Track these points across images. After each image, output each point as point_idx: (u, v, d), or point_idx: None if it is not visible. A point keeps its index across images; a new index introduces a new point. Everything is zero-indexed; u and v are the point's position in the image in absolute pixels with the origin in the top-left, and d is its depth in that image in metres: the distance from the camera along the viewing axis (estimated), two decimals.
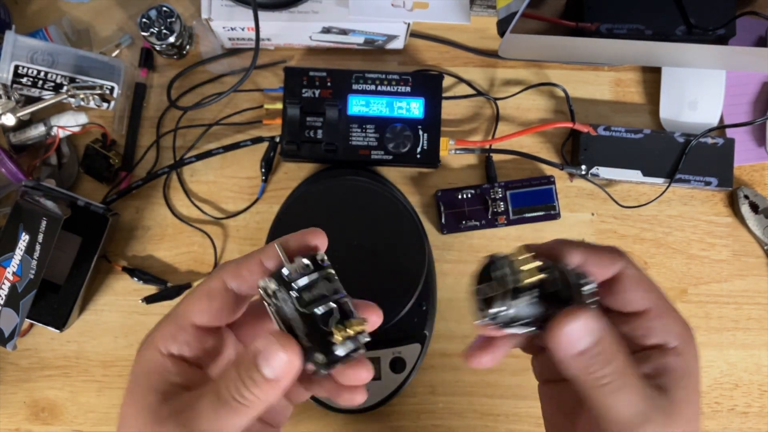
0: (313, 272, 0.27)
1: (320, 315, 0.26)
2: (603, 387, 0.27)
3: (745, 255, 0.59)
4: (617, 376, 0.27)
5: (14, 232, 0.49)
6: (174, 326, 0.29)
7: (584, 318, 0.27)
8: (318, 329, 0.26)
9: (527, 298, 0.27)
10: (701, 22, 0.51)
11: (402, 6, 0.54)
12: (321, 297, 0.27)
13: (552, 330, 0.27)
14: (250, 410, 0.26)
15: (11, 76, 0.54)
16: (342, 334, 0.26)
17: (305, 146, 0.55)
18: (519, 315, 0.27)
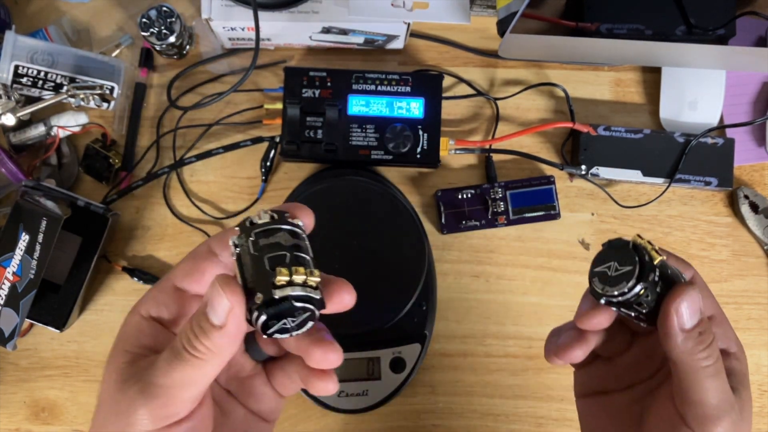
0: (276, 223, 0.27)
1: (270, 257, 0.25)
2: (704, 369, 0.29)
3: (745, 255, 0.59)
4: (715, 361, 0.29)
5: (14, 232, 0.49)
6: (156, 290, 0.30)
7: (697, 292, 0.29)
8: (264, 271, 0.25)
9: (655, 276, 0.28)
10: (701, 22, 0.51)
11: (402, 6, 0.54)
12: (276, 245, 0.26)
13: (670, 302, 0.29)
14: (204, 363, 0.26)
15: (11, 76, 0.54)
16: (284, 277, 0.24)
17: (305, 146, 0.55)
18: (645, 293, 0.28)
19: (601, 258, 0.30)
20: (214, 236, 0.30)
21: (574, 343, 0.33)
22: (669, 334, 0.29)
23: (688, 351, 0.29)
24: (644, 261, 0.29)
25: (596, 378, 0.35)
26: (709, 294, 0.33)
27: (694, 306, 0.29)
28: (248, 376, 0.32)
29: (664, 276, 0.29)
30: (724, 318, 0.33)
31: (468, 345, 0.57)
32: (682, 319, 0.29)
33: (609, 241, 0.31)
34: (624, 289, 0.28)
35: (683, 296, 0.29)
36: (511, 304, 0.58)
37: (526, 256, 0.58)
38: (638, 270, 0.28)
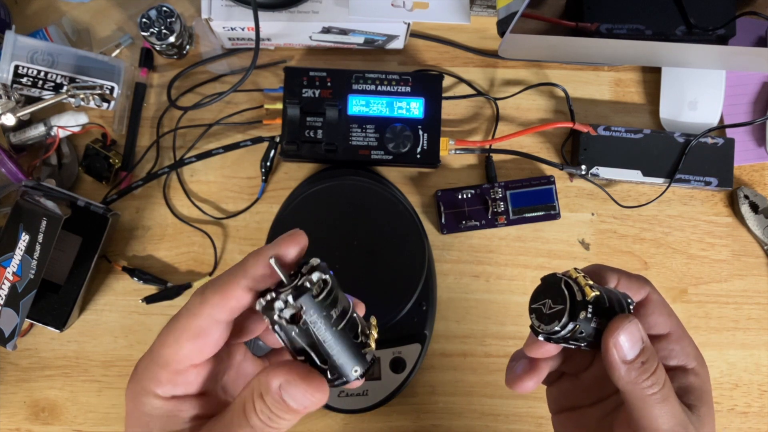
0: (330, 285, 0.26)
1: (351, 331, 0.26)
2: (650, 397, 0.29)
3: (744, 255, 0.59)
4: (661, 387, 0.30)
5: (14, 232, 0.49)
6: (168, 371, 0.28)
7: (634, 323, 0.29)
8: (354, 344, 0.26)
9: (587, 313, 0.29)
10: (701, 22, 0.51)
11: (402, 6, 0.54)
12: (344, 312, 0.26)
13: (608, 337, 0.29)
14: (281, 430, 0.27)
15: (11, 76, 0.54)
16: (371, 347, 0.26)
17: (305, 146, 0.55)
18: (579, 329, 0.29)
19: (538, 294, 0.30)
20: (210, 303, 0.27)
21: (525, 375, 0.33)
22: (612, 366, 0.29)
23: (633, 381, 0.29)
24: (575, 299, 0.29)
25: (566, 394, 0.36)
26: (665, 310, 0.33)
27: (634, 337, 0.29)
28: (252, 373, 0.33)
29: (601, 309, 0.29)
30: (683, 333, 0.33)
31: (468, 345, 0.57)
32: (622, 351, 0.29)
33: (544, 276, 0.31)
34: (556, 328, 0.29)
35: (621, 330, 0.29)
36: (511, 304, 0.58)
37: (526, 256, 0.58)
38: (569, 309, 0.29)
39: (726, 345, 0.58)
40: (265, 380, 0.26)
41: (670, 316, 0.33)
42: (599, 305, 0.29)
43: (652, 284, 0.34)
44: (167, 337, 0.28)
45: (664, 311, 0.33)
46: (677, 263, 0.59)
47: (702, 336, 0.58)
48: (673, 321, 0.33)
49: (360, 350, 0.26)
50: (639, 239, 0.59)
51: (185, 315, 0.28)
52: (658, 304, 0.33)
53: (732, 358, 0.58)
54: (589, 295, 0.29)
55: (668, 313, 0.33)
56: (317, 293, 0.25)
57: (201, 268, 0.57)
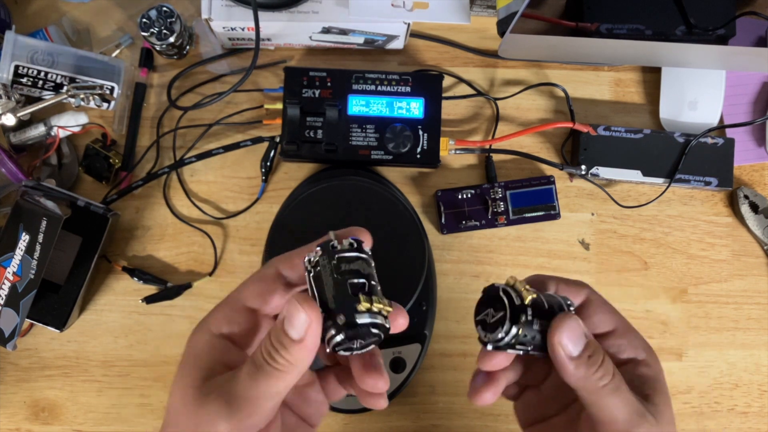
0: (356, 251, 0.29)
1: (352, 283, 0.28)
2: (602, 389, 0.30)
3: (744, 255, 0.59)
4: (612, 378, 0.30)
5: (14, 232, 0.49)
6: (228, 308, 0.31)
7: (575, 320, 0.30)
8: (347, 295, 0.28)
9: (527, 316, 0.30)
10: (701, 22, 0.51)
11: (402, 6, 0.54)
12: (357, 272, 0.28)
13: (552, 336, 0.30)
14: (285, 374, 0.28)
15: (11, 76, 0.54)
16: (366, 305, 0.27)
17: (305, 146, 0.55)
18: (522, 332, 0.30)
19: (480, 306, 0.32)
20: (280, 258, 0.32)
21: (483, 388, 0.34)
22: (560, 364, 0.30)
23: (583, 376, 0.30)
24: (514, 304, 0.30)
25: (532, 407, 0.36)
26: (607, 308, 0.34)
27: (576, 333, 0.30)
28: (305, 384, 0.34)
29: (541, 311, 0.30)
30: (628, 327, 0.34)
31: (468, 345, 0.57)
32: (567, 349, 0.30)
33: (484, 288, 0.32)
34: (501, 334, 0.30)
35: (562, 327, 0.30)
36: None
37: (526, 256, 0.58)
38: (509, 314, 0.30)
39: (726, 345, 0.58)
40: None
41: (613, 314, 0.34)
42: (538, 308, 0.30)
43: (590, 287, 0.35)
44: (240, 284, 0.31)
45: (606, 309, 0.34)
46: (677, 263, 0.59)
47: (702, 336, 0.58)
48: (616, 317, 0.34)
49: (354, 305, 0.27)
50: (639, 239, 0.59)
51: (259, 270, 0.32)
52: (598, 304, 0.34)
53: (732, 358, 0.58)
54: (526, 298, 0.30)
55: (610, 311, 0.34)
56: (335, 246, 0.28)
57: (201, 268, 0.57)
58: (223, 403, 0.28)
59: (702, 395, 0.58)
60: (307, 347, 0.28)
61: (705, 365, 0.58)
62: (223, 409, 0.28)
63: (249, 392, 0.28)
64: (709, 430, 0.57)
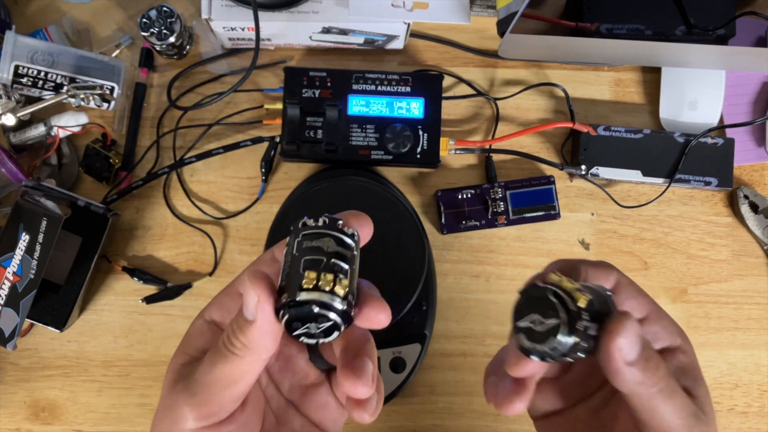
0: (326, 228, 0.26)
1: (306, 260, 0.25)
2: (658, 395, 0.28)
3: (744, 255, 0.59)
4: (667, 382, 0.28)
5: (14, 232, 0.49)
6: (222, 295, 0.30)
7: (633, 322, 0.27)
8: (297, 272, 0.25)
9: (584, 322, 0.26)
10: (701, 22, 0.51)
11: (402, 6, 0.54)
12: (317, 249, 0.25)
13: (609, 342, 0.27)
14: (240, 359, 0.26)
15: (11, 76, 0.54)
16: (311, 282, 0.24)
17: (305, 146, 0.55)
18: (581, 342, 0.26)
19: (521, 310, 0.27)
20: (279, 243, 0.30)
21: (514, 396, 0.30)
22: (614, 371, 0.27)
23: (639, 381, 0.27)
24: (570, 310, 0.26)
25: (547, 399, 0.34)
26: (638, 291, 0.31)
27: (634, 336, 0.27)
28: (312, 384, 0.32)
29: (594, 314, 0.27)
30: (661, 312, 0.31)
31: (468, 345, 0.57)
32: (624, 354, 0.27)
33: (525, 289, 0.28)
34: (554, 345, 0.26)
35: (621, 332, 0.26)
36: (510, 304, 0.57)
37: (526, 256, 0.58)
38: (566, 322, 0.26)
39: (726, 345, 0.58)
40: None
41: (644, 297, 0.31)
42: (592, 309, 0.26)
43: (617, 268, 0.31)
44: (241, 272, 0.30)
45: (637, 293, 0.31)
46: (677, 263, 0.59)
47: (702, 336, 0.58)
48: (647, 301, 0.31)
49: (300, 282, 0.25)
50: (639, 239, 0.59)
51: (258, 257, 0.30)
52: (629, 288, 0.31)
53: (732, 358, 0.58)
54: (580, 301, 0.26)
55: (641, 294, 0.31)
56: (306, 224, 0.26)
57: (201, 268, 0.57)
58: (183, 387, 0.27)
59: None
60: (260, 328, 0.25)
61: (705, 365, 0.58)
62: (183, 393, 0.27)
63: (205, 377, 0.26)
64: None
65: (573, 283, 0.27)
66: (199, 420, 0.27)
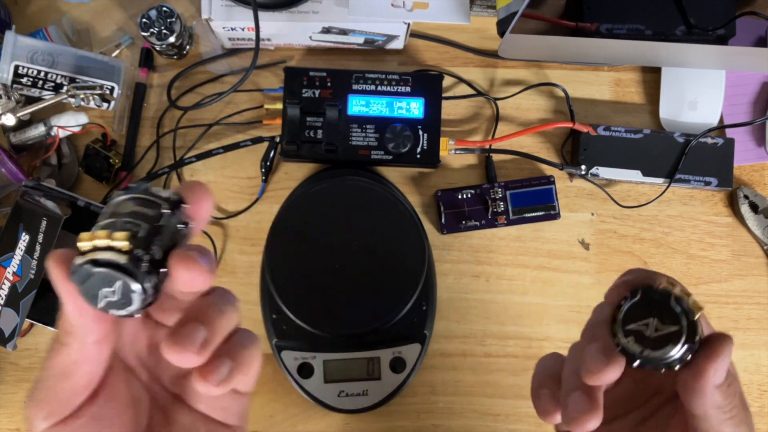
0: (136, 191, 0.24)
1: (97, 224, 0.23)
2: (729, 421, 0.27)
3: (744, 255, 0.59)
4: (739, 411, 0.27)
5: (14, 232, 0.49)
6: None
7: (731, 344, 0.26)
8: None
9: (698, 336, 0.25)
10: (701, 22, 0.51)
11: (402, 6, 0.54)
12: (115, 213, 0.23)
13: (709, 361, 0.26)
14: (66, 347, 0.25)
15: (11, 76, 0.54)
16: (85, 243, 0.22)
17: (305, 146, 0.55)
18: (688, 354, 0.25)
19: (636, 312, 0.26)
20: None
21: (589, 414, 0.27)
22: (702, 392, 0.26)
23: (718, 405, 0.27)
24: (692, 321, 0.25)
25: None
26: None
27: (726, 360, 0.26)
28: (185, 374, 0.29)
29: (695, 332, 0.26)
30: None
31: (468, 345, 0.57)
32: (717, 376, 0.26)
33: (644, 290, 0.26)
34: (669, 353, 0.25)
35: (723, 353, 0.26)
36: (511, 304, 0.58)
37: (525, 256, 0.58)
38: (686, 331, 0.25)
39: None
40: None
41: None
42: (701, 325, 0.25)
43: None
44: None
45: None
46: (677, 263, 0.59)
47: None
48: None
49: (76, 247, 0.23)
50: (639, 239, 0.59)
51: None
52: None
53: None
54: (696, 313, 0.25)
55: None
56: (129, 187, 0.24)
57: None
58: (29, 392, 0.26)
59: None
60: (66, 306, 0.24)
61: None
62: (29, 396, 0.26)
63: (41, 374, 0.25)
64: None
65: (690, 296, 0.26)
66: (46, 419, 0.26)
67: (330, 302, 0.52)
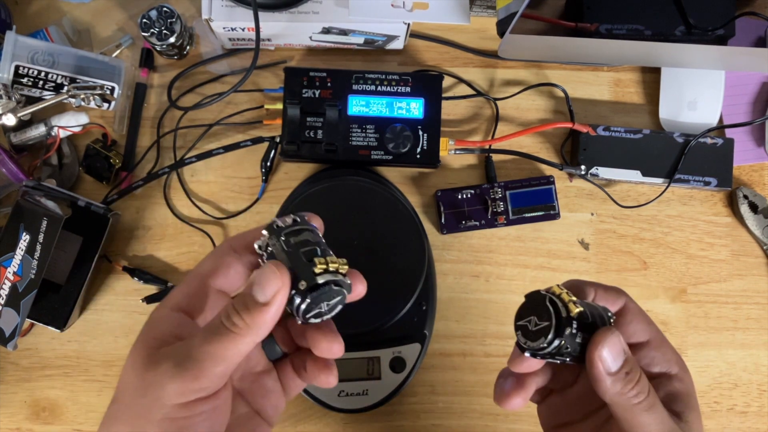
0: (300, 225, 0.30)
1: (304, 252, 0.29)
2: (637, 406, 0.30)
3: (744, 255, 0.59)
4: (647, 395, 0.30)
5: (15, 232, 0.49)
6: (184, 285, 0.31)
7: (617, 335, 0.30)
8: (302, 262, 0.29)
9: (572, 329, 0.30)
10: (700, 22, 0.51)
11: (402, 6, 0.54)
12: (306, 242, 0.29)
13: (592, 350, 0.30)
14: (240, 338, 0.27)
15: (12, 76, 0.55)
16: (322, 266, 0.28)
17: (305, 146, 0.55)
18: (565, 344, 0.30)
19: (523, 311, 0.31)
20: (234, 237, 0.32)
21: (513, 392, 0.34)
22: (597, 379, 0.30)
23: (618, 392, 0.30)
24: (560, 316, 0.29)
25: (556, 411, 0.36)
26: (643, 318, 0.34)
27: (616, 349, 0.30)
28: (261, 372, 0.34)
29: (584, 324, 0.30)
30: (662, 340, 0.34)
31: (468, 345, 0.57)
32: (606, 364, 0.30)
33: (528, 293, 0.31)
34: (543, 344, 0.29)
35: (603, 342, 0.30)
36: (510, 303, 0.58)
37: (525, 256, 0.58)
38: (554, 326, 0.29)
39: (725, 345, 0.58)
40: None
41: (649, 324, 0.34)
42: (582, 321, 0.30)
43: (628, 294, 0.35)
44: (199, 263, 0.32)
45: (643, 319, 0.34)
46: (676, 263, 0.59)
47: (701, 336, 0.58)
48: (652, 329, 0.34)
49: (311, 269, 0.28)
50: (638, 239, 0.59)
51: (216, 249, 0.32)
52: (636, 313, 0.34)
53: (731, 357, 0.58)
54: (573, 311, 0.30)
55: (647, 321, 0.34)
56: (279, 225, 0.30)
57: None
58: (171, 365, 0.27)
59: (701, 395, 0.58)
60: (270, 312, 0.27)
61: (704, 365, 0.58)
62: (171, 369, 0.27)
63: (199, 353, 0.27)
64: (709, 430, 0.57)
65: (570, 296, 0.30)
66: (186, 395, 0.27)
67: None
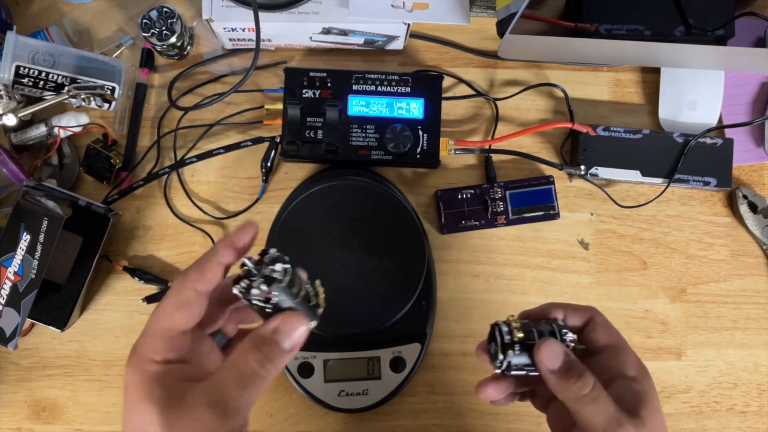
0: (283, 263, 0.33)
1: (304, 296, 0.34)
2: (582, 398, 0.34)
3: (743, 255, 0.60)
4: (590, 389, 0.35)
5: (15, 232, 0.49)
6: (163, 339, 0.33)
7: (551, 341, 0.36)
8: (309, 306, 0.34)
9: (515, 351, 0.37)
10: (700, 22, 0.51)
11: (402, 7, 0.54)
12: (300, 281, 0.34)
13: (535, 356, 0.36)
14: (267, 380, 0.32)
15: (12, 76, 0.55)
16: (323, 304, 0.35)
17: (305, 146, 0.55)
18: (514, 363, 0.37)
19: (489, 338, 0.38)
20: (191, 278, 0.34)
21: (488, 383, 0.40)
22: (546, 379, 0.36)
23: (563, 387, 0.35)
24: (504, 342, 0.37)
25: (558, 417, 0.40)
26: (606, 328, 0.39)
27: (553, 351, 0.35)
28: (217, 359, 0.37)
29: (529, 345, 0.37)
30: (623, 346, 0.38)
31: (468, 345, 0.57)
32: (546, 365, 0.35)
33: (490, 325, 0.39)
34: (497, 363, 0.37)
35: (541, 348, 0.36)
36: (510, 303, 0.58)
37: (525, 255, 0.58)
38: (500, 349, 0.37)
39: (725, 344, 0.58)
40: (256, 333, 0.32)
41: (612, 333, 0.39)
42: (527, 342, 0.37)
43: (597, 310, 0.39)
44: (159, 313, 0.34)
45: (606, 330, 0.39)
46: (676, 263, 0.59)
47: (701, 335, 0.58)
48: (614, 337, 0.39)
49: (315, 311, 0.34)
50: (638, 239, 0.59)
51: (172, 294, 0.34)
52: (600, 323, 0.39)
53: (731, 357, 0.58)
54: (515, 336, 0.37)
55: (610, 331, 0.39)
56: (281, 279, 0.32)
57: None
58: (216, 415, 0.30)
59: (701, 395, 0.58)
60: (293, 355, 0.33)
61: (704, 365, 0.58)
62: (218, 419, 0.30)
63: (240, 402, 0.31)
64: (708, 430, 0.57)
65: (518, 323, 0.38)
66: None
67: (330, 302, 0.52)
